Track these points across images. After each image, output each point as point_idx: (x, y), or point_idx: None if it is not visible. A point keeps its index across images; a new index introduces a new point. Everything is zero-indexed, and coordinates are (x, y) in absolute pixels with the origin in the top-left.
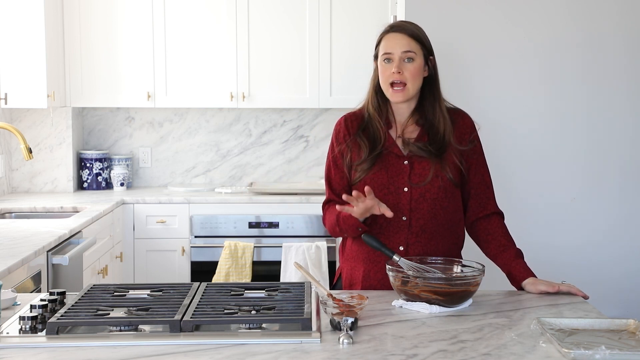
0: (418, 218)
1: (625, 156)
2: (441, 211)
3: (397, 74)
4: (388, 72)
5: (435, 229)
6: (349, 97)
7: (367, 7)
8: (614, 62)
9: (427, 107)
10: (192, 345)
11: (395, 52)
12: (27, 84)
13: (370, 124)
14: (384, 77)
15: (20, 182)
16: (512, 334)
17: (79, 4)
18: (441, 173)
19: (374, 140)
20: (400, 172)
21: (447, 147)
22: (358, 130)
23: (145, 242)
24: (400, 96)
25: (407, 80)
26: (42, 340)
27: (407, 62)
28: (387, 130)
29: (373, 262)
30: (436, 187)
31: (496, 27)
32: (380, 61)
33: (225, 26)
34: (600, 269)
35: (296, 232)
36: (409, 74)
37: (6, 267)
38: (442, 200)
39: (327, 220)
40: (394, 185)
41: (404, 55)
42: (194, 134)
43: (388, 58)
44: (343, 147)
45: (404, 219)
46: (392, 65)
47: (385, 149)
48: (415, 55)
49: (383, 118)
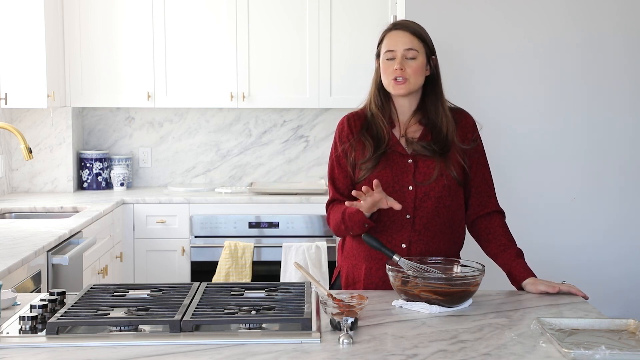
0: (422, 216)
1: (626, 156)
2: (444, 209)
3: (400, 70)
4: (390, 69)
5: (437, 227)
6: (349, 97)
7: (367, 7)
8: (614, 62)
9: (430, 106)
10: (192, 345)
11: (398, 50)
12: (27, 84)
13: (374, 122)
14: (386, 73)
15: (20, 182)
16: (512, 334)
17: (79, 4)
18: (446, 172)
19: (378, 139)
20: (405, 171)
21: (450, 146)
22: (361, 129)
23: (145, 242)
24: (402, 88)
25: (409, 77)
26: (42, 340)
27: (409, 60)
28: (391, 129)
29: (375, 260)
30: (440, 185)
31: (496, 27)
32: (383, 59)
33: (225, 26)
34: (600, 269)
35: (296, 232)
36: (411, 70)
37: (6, 267)
38: (445, 198)
39: (331, 219)
40: (399, 184)
41: (407, 52)
42: (194, 134)
43: (391, 56)
44: (346, 146)
45: (408, 217)
46: (395, 62)
47: (389, 147)
48: (417, 54)
49: (386, 117)
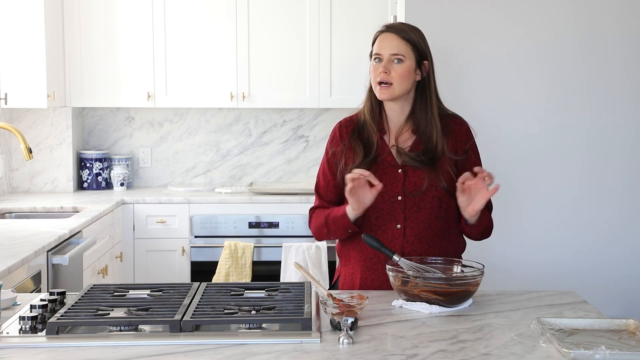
0: (413, 227)
1: (626, 156)
2: (436, 221)
3: (384, 73)
4: (377, 71)
5: (431, 238)
6: (349, 97)
7: (367, 7)
8: (615, 62)
9: (419, 113)
10: (192, 345)
11: (384, 53)
12: (27, 84)
13: (365, 128)
14: (372, 76)
15: (20, 182)
16: (512, 334)
17: (79, 4)
18: (435, 183)
19: (368, 145)
20: (394, 181)
21: (440, 157)
22: (353, 134)
23: (145, 242)
24: (385, 94)
25: (394, 81)
26: (42, 340)
27: (396, 63)
28: (382, 136)
29: (370, 270)
30: (430, 196)
31: (497, 27)
32: (372, 62)
33: (225, 26)
34: (600, 269)
35: (296, 232)
36: (396, 74)
37: (6, 267)
38: (437, 210)
39: (313, 222)
40: (388, 194)
41: (393, 57)
42: (194, 134)
43: (378, 58)
44: (337, 152)
45: (399, 227)
46: (380, 65)
47: (379, 156)
48: (404, 58)
49: (376, 123)
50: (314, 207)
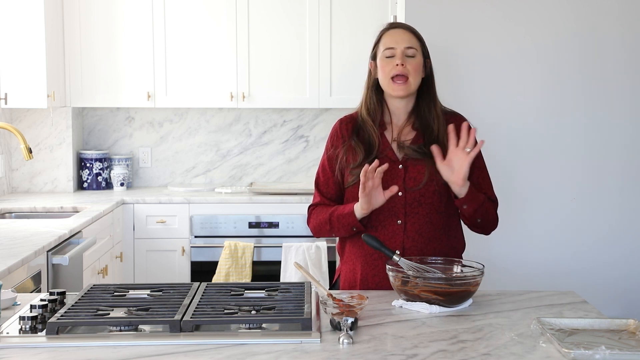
0: (413, 222)
1: (626, 155)
2: (437, 216)
3: (401, 66)
4: (390, 66)
5: (432, 233)
6: (349, 97)
7: (366, 7)
8: (614, 62)
9: (424, 107)
10: (192, 345)
11: (398, 47)
12: (27, 84)
13: (364, 127)
14: (385, 72)
15: (20, 182)
16: (512, 334)
17: (79, 4)
18: (435, 177)
19: (369, 144)
20: (395, 177)
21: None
22: (352, 133)
23: (145, 242)
24: (402, 90)
25: (410, 74)
26: (42, 340)
27: (409, 58)
28: (382, 132)
29: (371, 267)
30: (431, 191)
31: (497, 27)
32: (382, 57)
33: (225, 26)
34: (600, 269)
35: (296, 232)
36: (411, 67)
37: (6, 267)
38: (438, 205)
39: (313, 219)
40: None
41: (407, 50)
42: (194, 134)
43: (390, 54)
44: (338, 150)
45: (399, 223)
46: (395, 59)
47: (380, 152)
48: (416, 52)
49: (377, 121)
50: (314, 204)
